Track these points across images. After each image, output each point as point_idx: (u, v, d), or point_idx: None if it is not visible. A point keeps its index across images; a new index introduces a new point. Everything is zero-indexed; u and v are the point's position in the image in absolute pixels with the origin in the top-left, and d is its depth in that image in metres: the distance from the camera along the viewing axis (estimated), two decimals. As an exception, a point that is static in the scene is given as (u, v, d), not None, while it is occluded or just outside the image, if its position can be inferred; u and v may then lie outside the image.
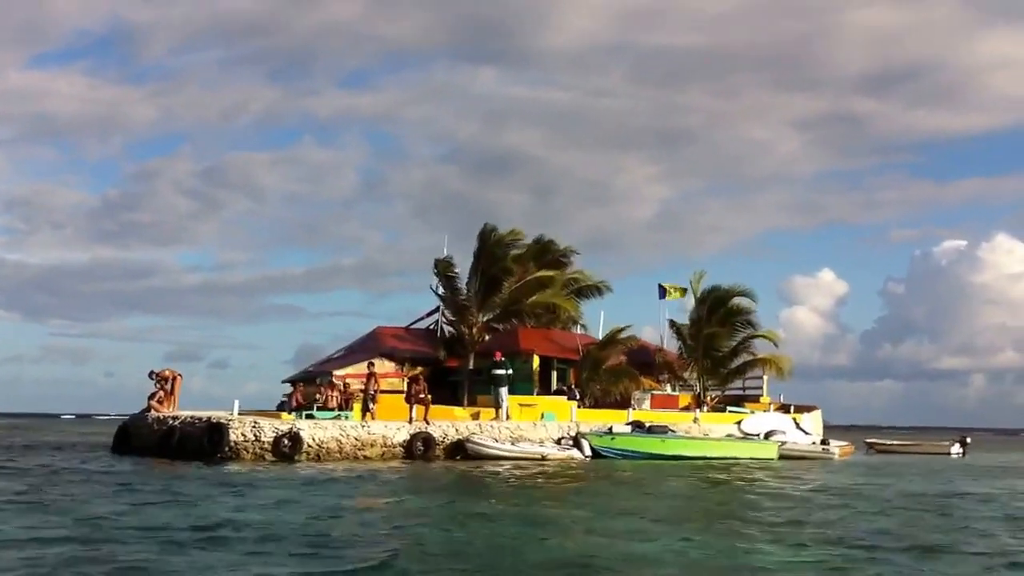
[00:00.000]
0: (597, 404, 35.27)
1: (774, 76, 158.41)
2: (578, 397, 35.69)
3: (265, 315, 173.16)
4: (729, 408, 37.76)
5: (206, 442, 27.04)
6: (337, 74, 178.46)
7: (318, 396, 31.07)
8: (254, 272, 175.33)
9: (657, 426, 31.75)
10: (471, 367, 36.84)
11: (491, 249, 36.94)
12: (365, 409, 29.92)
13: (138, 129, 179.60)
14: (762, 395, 40.86)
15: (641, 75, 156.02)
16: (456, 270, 37.26)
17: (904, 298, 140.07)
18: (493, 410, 32.28)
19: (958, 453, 41.62)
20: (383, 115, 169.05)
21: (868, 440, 42.93)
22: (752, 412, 36.97)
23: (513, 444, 29.39)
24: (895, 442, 47.47)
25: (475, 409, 33.13)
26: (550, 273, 38.05)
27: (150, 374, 31.01)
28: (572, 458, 29.37)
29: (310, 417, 29.16)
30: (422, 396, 29.95)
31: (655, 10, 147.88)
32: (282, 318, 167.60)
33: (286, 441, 27.16)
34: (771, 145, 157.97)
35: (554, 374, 37.46)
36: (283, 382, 41.75)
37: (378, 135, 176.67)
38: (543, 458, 28.94)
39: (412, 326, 42.12)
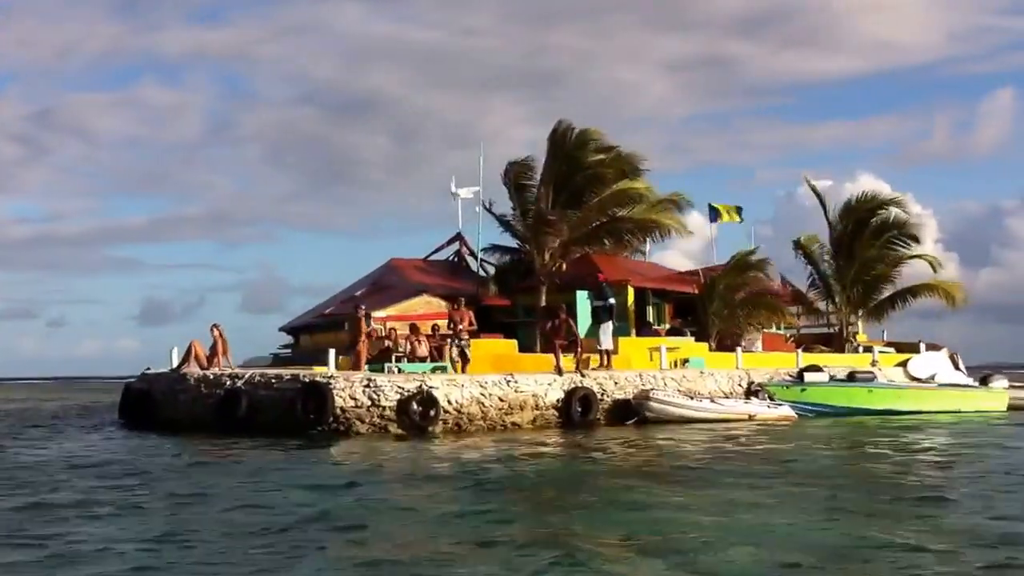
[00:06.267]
0: (721, 346, 27.97)
1: (646, 17, 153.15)
2: (688, 336, 28.44)
3: (104, 268, 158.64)
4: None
5: (299, 410, 18.35)
6: (185, 7, 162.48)
7: (388, 343, 22.79)
8: (90, 222, 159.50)
9: (862, 372, 24.69)
10: (543, 303, 28.80)
11: (571, 152, 28.75)
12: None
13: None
14: (857, 332, 34.57)
15: (511, 14, 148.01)
16: (535, 176, 28.80)
17: (772, 240, 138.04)
18: (599, 356, 24.57)
19: None
20: (234, 53, 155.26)
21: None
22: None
23: (712, 402, 21.83)
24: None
25: (582, 355, 25.19)
26: (637, 184, 30.07)
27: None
28: (785, 417, 22.08)
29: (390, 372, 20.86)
30: (572, 337, 22.03)
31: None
32: (123, 271, 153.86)
33: (415, 406, 18.79)
34: (643, 87, 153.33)
35: (650, 309, 29.90)
36: (280, 330, 32.79)
37: (228, 75, 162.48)
38: (750, 418, 21.62)
39: (430, 258, 34.08)
